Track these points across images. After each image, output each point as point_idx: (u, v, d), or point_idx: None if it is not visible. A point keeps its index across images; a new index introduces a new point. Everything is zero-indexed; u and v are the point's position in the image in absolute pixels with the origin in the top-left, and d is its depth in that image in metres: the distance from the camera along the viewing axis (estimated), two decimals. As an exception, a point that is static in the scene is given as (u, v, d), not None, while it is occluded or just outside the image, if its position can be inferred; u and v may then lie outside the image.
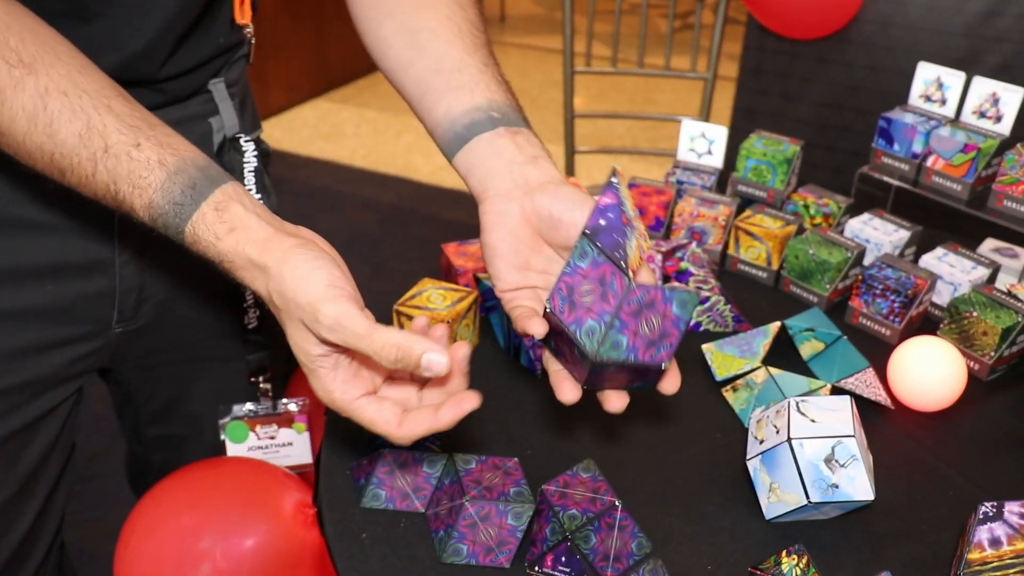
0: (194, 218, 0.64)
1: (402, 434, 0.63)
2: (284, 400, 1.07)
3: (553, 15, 5.90)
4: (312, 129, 3.95)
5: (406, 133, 3.89)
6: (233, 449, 1.06)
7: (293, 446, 1.07)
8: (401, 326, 0.96)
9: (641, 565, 0.71)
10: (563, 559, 0.72)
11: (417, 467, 0.81)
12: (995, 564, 0.68)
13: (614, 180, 0.68)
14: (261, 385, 1.06)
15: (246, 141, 0.91)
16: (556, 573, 0.72)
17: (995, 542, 0.69)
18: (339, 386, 0.65)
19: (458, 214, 3.17)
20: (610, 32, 2.28)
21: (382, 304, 0.97)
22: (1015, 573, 0.67)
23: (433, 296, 0.98)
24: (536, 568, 0.73)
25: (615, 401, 0.69)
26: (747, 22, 2.19)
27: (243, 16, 0.89)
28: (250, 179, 0.91)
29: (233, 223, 0.63)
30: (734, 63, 2.26)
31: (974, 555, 0.69)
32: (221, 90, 0.92)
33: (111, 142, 0.63)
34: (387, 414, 0.64)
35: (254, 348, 1.05)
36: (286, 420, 1.06)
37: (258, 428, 1.06)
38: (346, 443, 0.87)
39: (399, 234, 3.09)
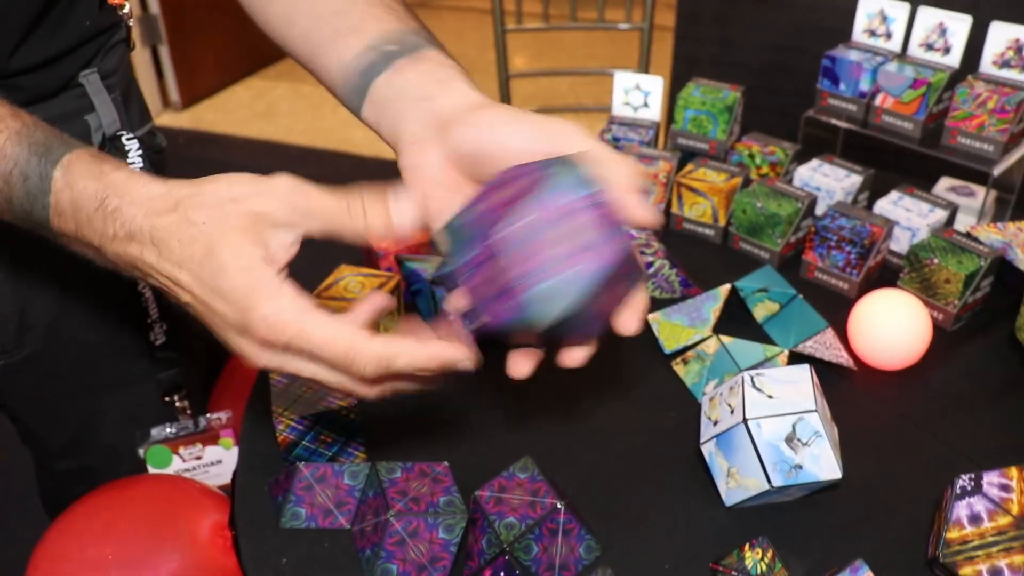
0: (65, 159, 0.54)
1: (373, 361, 0.52)
2: (205, 416, 0.98)
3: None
4: (246, 109, 3.81)
5: (342, 107, 3.75)
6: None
7: (223, 463, 0.99)
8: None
9: (590, 574, 0.64)
10: (501, 574, 0.64)
11: (338, 479, 0.73)
12: (976, 543, 0.62)
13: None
14: (177, 404, 0.98)
15: (128, 139, 0.81)
16: (495, 591, 0.64)
17: (975, 519, 0.62)
18: (290, 297, 0.52)
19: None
20: (540, -14, 2.19)
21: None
22: (999, 552, 0.61)
23: (351, 284, 0.89)
24: (474, 585, 0.66)
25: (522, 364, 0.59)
26: (682, -34, 2.11)
27: None
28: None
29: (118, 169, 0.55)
30: (671, 12, 2.17)
31: (953, 534, 0.63)
32: (95, 83, 0.81)
33: None
34: (350, 329, 0.52)
35: (165, 366, 0.96)
36: (211, 437, 0.98)
37: (182, 450, 0.97)
38: (264, 457, 0.79)
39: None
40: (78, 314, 0.89)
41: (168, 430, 0.98)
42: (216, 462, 1.00)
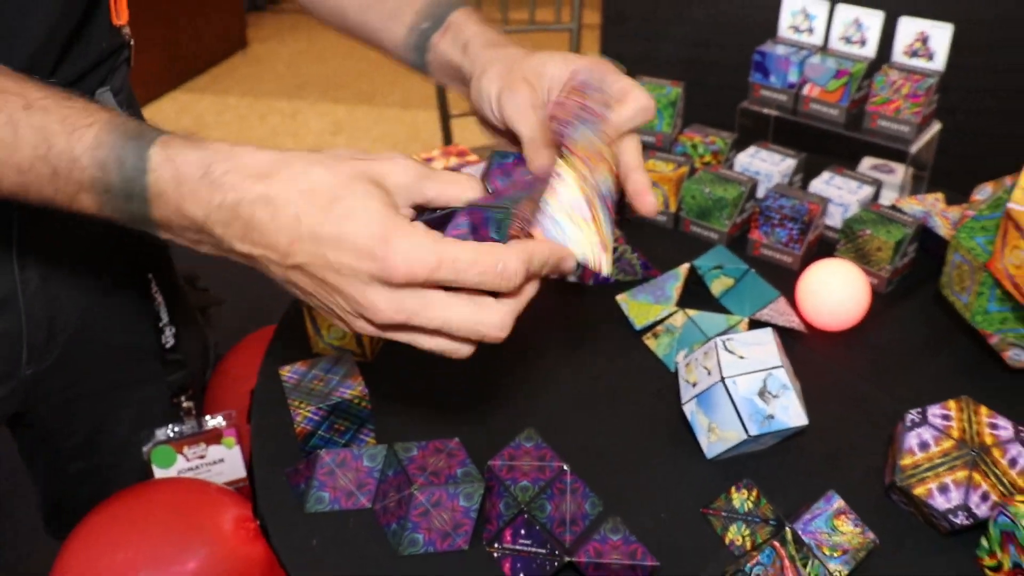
0: (161, 139, 0.54)
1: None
2: (208, 416, 1.04)
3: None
4: (172, 124, 3.75)
5: (270, 115, 3.78)
6: (161, 475, 1.02)
7: (225, 462, 1.04)
8: (314, 320, 0.94)
9: (600, 524, 0.72)
10: (522, 531, 0.73)
11: (357, 463, 0.80)
12: (926, 466, 0.72)
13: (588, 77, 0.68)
14: (184, 405, 1.03)
15: None
16: (518, 547, 0.72)
17: (924, 445, 0.73)
18: (423, 231, 0.53)
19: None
20: (470, -7, 2.27)
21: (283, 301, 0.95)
22: (945, 470, 0.71)
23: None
24: (496, 544, 0.73)
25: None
26: (605, -33, 2.21)
27: (120, 17, 0.85)
28: None
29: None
30: (598, 11, 2.27)
31: (906, 460, 0.73)
32: (109, 99, 0.87)
33: (32, 98, 0.54)
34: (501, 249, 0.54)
35: (173, 368, 1.01)
36: (214, 437, 1.03)
37: (186, 449, 1.02)
38: (276, 450, 0.85)
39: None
40: (101, 318, 0.94)
41: (173, 429, 1.03)
42: (219, 461, 1.05)
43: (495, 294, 0.56)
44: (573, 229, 0.62)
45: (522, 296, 0.57)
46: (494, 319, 0.55)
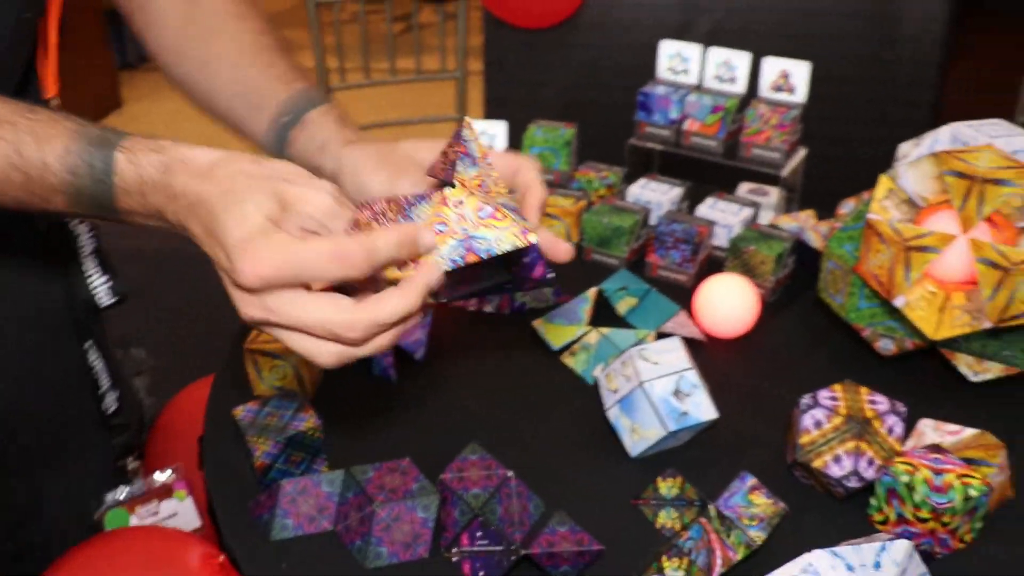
0: (124, 143, 0.62)
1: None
2: (157, 473, 1.06)
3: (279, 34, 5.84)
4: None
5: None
6: (117, 535, 1.04)
7: (179, 515, 1.07)
8: (256, 364, 0.99)
9: (549, 519, 0.81)
10: (478, 534, 0.80)
11: (317, 489, 0.86)
12: (821, 441, 0.84)
13: (464, 132, 0.71)
14: (130, 466, 1.05)
15: (77, 224, 0.91)
16: (475, 548, 0.80)
17: (817, 424, 0.85)
18: (282, 235, 0.59)
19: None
20: (352, 44, 2.35)
21: (219, 355, 0.99)
22: (837, 443, 0.83)
23: (283, 330, 1.02)
24: (455, 549, 0.81)
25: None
26: (484, 17, 2.33)
27: (49, 91, 0.88)
28: (90, 263, 0.90)
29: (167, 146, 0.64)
30: (481, 59, 2.39)
31: (804, 439, 0.84)
32: None
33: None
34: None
35: (118, 431, 1.03)
36: (165, 492, 1.05)
37: (138, 508, 1.04)
38: (234, 488, 0.90)
39: (186, 277, 3.01)
40: (34, 391, 0.95)
41: (125, 492, 1.04)
42: (172, 515, 1.07)
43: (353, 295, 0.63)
44: (489, 231, 0.67)
45: (384, 305, 0.61)
46: (344, 317, 0.60)
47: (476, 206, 0.68)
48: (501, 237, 0.67)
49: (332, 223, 0.63)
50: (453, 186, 0.68)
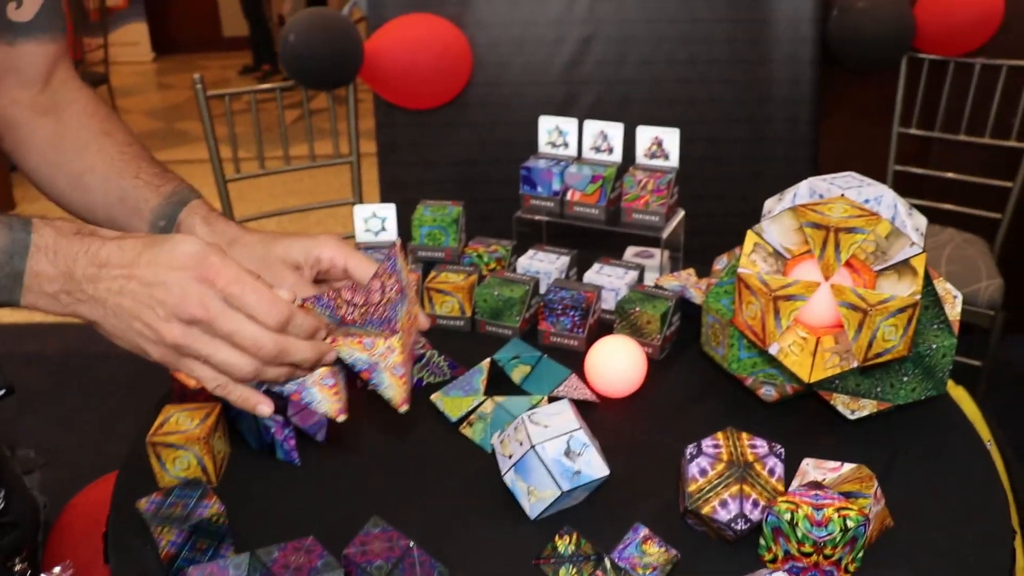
0: (38, 216, 0.75)
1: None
2: (47, 574, 1.04)
3: (173, 127, 5.83)
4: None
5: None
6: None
7: None
8: (159, 456, 0.98)
9: (449, 586, 0.82)
10: (381, 606, 0.81)
11: (223, 573, 0.85)
12: (707, 488, 0.87)
13: (396, 259, 0.88)
14: (17, 568, 1.02)
15: None
16: (379, 620, 0.80)
17: (703, 471, 0.88)
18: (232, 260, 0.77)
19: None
20: (245, 134, 2.37)
21: (110, 456, 0.98)
22: (722, 488, 0.87)
23: (181, 419, 1.02)
24: (359, 623, 0.81)
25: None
26: (374, 101, 2.38)
27: None
28: None
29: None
30: (373, 141, 2.43)
31: (692, 487, 0.88)
32: None
33: None
34: None
35: (5, 531, 1.01)
36: None
37: None
38: (141, 578, 0.89)
39: (83, 379, 2.93)
40: None
41: None
42: None
43: None
44: (392, 383, 0.86)
45: (289, 342, 0.78)
46: (265, 337, 0.76)
47: (396, 359, 0.85)
48: (388, 392, 0.86)
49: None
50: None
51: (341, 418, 0.85)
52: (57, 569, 1.05)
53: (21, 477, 1.12)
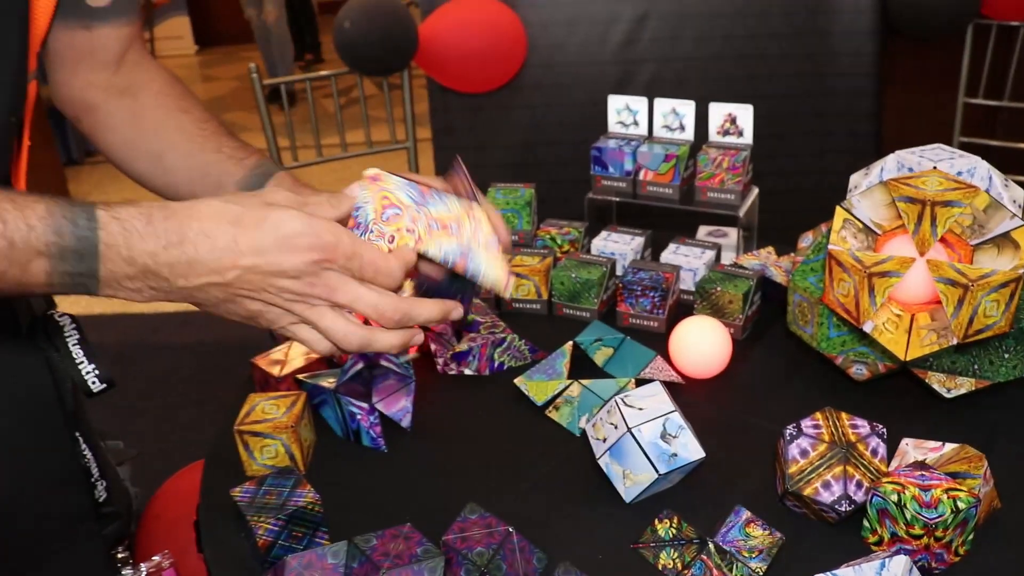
0: (102, 203, 0.67)
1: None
2: (147, 562, 1.06)
3: (220, 119, 5.87)
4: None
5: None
6: (111, 626, 1.03)
7: None
8: (247, 444, 0.99)
9: (554, 572, 0.81)
10: (485, 592, 0.81)
11: (322, 562, 0.86)
12: (809, 469, 0.86)
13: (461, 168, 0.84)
14: (120, 555, 1.04)
15: (60, 315, 0.91)
16: (484, 606, 0.80)
17: (804, 453, 0.87)
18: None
19: (190, 334, 3.10)
20: (300, 123, 2.38)
21: (192, 444, 1.00)
22: (824, 469, 0.85)
23: (267, 407, 1.02)
24: (463, 609, 0.81)
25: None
26: (428, 86, 2.38)
27: (21, 189, 0.90)
28: (78, 352, 0.90)
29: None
30: (428, 127, 2.43)
31: (793, 468, 0.87)
32: None
33: None
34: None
35: (108, 520, 1.02)
36: None
37: None
38: (235, 569, 0.90)
39: (143, 370, 2.98)
40: (31, 487, 0.94)
41: None
42: None
43: None
44: (484, 259, 0.81)
45: (421, 306, 0.77)
46: (389, 300, 0.75)
47: (488, 232, 0.81)
48: (489, 272, 0.81)
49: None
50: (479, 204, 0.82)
51: (508, 291, 0.84)
52: (157, 557, 1.07)
53: (116, 468, 1.13)
